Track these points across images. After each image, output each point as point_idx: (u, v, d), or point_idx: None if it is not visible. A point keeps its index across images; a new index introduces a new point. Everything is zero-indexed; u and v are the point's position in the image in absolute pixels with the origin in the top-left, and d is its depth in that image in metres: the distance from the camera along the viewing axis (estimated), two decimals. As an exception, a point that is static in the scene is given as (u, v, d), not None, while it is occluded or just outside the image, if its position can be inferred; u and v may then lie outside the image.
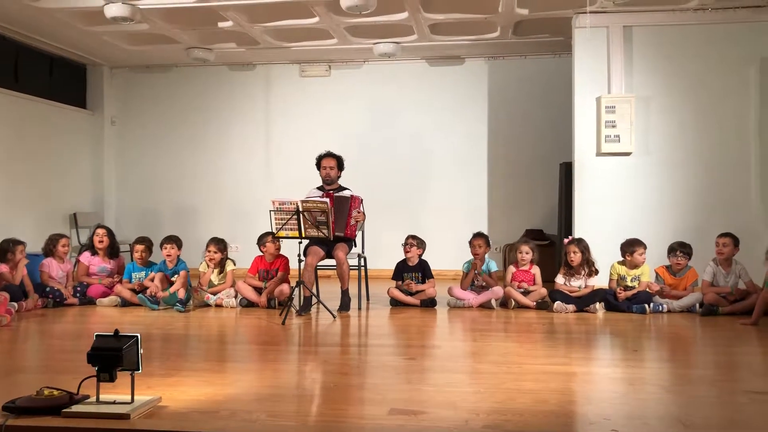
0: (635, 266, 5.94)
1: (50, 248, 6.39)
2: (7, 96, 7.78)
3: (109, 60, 9.21)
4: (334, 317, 5.50)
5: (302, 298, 5.76)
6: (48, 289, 6.12)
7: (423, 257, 6.29)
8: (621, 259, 6.03)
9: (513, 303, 5.98)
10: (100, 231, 6.64)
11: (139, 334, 2.86)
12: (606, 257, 6.13)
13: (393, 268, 6.34)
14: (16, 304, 5.53)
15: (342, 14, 6.97)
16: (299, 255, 5.68)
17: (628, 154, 6.98)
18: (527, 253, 6.13)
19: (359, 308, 6.02)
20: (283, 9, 7.01)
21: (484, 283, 6.15)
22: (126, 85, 9.61)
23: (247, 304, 6.08)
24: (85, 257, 6.59)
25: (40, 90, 8.39)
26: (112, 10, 6.62)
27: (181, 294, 5.94)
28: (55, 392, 2.82)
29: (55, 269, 6.33)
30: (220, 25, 7.46)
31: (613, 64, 6.98)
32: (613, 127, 6.93)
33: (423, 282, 6.18)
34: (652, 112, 7.01)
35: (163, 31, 7.67)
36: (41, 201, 8.31)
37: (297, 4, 6.80)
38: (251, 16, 7.22)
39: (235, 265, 6.39)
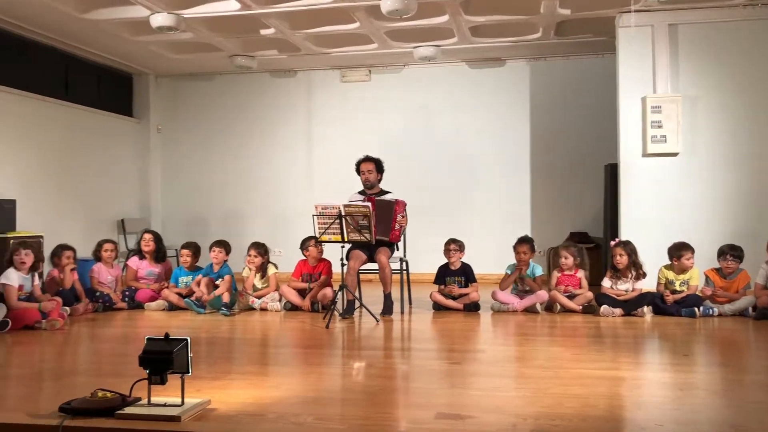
0: (683, 271, 5.81)
1: (98, 253, 6.56)
2: (59, 106, 8.02)
3: (155, 69, 9.41)
4: (377, 321, 5.51)
5: (345, 301, 5.79)
6: (98, 293, 6.27)
7: (465, 261, 6.26)
8: (669, 262, 5.91)
9: (558, 307, 5.90)
10: (146, 236, 6.80)
11: (188, 338, 2.91)
12: (654, 260, 6.00)
13: (433, 271, 6.32)
14: (68, 309, 5.68)
15: (382, 19, 7.00)
16: (342, 259, 5.72)
17: (675, 154, 6.84)
18: (566, 258, 6.03)
19: (402, 312, 6.02)
20: (324, 15, 7.07)
21: (528, 288, 6.08)
22: (171, 93, 9.80)
23: (291, 308, 6.14)
24: (134, 262, 6.74)
25: (88, 99, 8.62)
26: (158, 20, 6.77)
27: (226, 298, 6.02)
28: (109, 394, 2.88)
29: (104, 274, 6.48)
30: (263, 32, 7.56)
31: (658, 64, 6.86)
32: (660, 127, 6.80)
33: (465, 286, 6.15)
34: (700, 111, 6.86)
35: (207, 40, 7.81)
36: (90, 207, 8.53)
37: (338, 10, 6.85)
38: (293, 23, 7.30)
39: (277, 269, 6.46)
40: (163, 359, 2.80)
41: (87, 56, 8.43)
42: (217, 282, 6.25)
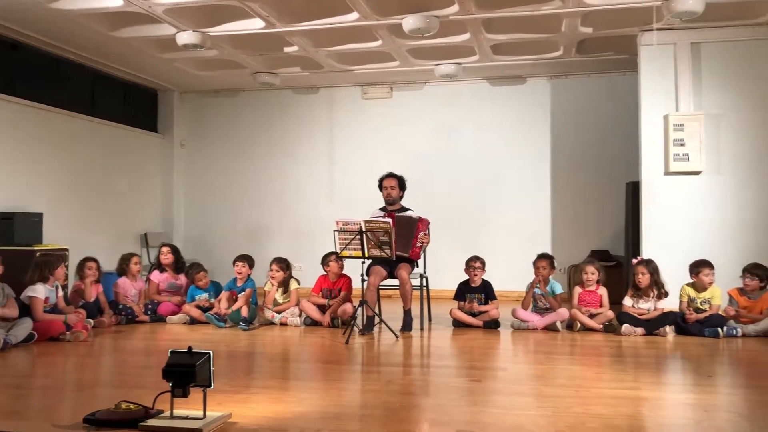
0: (704, 288, 5.76)
1: (123, 267, 6.64)
2: (85, 121, 8.15)
3: (179, 85, 9.55)
4: (397, 337, 5.51)
5: (365, 317, 5.80)
6: (120, 306, 6.35)
7: (485, 278, 6.25)
8: (691, 281, 5.86)
9: (579, 325, 5.87)
10: (164, 248, 6.90)
11: (211, 352, 2.94)
12: (676, 279, 5.95)
13: (453, 288, 6.32)
14: (92, 321, 5.75)
15: (404, 37, 7.05)
16: (362, 275, 5.73)
17: (697, 173, 6.80)
18: (593, 274, 6.01)
19: (421, 328, 6.02)
20: (346, 33, 7.14)
21: (548, 306, 6.06)
22: (195, 109, 9.93)
23: (311, 323, 6.15)
24: (155, 276, 6.83)
25: (114, 115, 8.76)
26: (184, 38, 6.89)
27: (245, 312, 6.05)
28: (132, 406, 2.92)
29: (128, 288, 6.56)
30: (286, 50, 7.65)
31: (680, 82, 6.83)
32: (682, 145, 6.77)
33: (485, 303, 6.14)
34: (723, 130, 6.81)
35: (232, 57, 7.91)
36: (115, 221, 8.64)
37: (360, 29, 6.91)
38: (316, 40, 7.38)
39: (299, 284, 6.49)
40: (186, 372, 2.83)
41: (113, 73, 8.59)
42: (239, 295, 6.29)
